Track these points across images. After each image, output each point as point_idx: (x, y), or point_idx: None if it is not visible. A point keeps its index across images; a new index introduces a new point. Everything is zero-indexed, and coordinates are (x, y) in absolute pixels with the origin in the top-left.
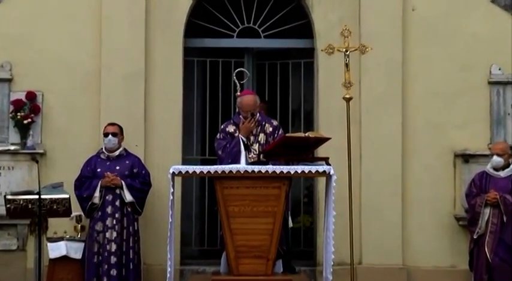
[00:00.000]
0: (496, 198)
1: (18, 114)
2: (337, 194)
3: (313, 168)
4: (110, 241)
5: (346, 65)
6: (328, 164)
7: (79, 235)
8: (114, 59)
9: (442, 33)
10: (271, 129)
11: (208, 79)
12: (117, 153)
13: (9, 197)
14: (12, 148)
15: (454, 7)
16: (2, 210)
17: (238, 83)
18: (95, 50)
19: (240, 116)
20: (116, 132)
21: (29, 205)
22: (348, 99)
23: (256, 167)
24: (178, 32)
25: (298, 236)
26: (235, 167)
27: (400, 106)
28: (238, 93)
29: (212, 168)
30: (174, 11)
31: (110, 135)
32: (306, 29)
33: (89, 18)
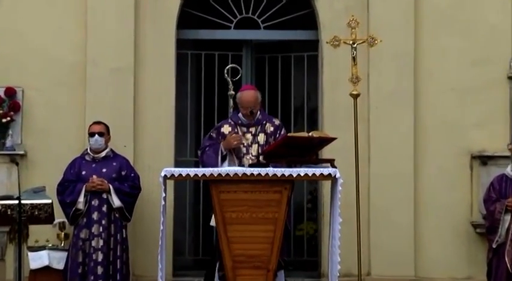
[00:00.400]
0: None
1: None
2: (343, 199)
3: (318, 171)
4: (96, 250)
5: (353, 58)
6: (333, 167)
7: (62, 244)
8: (100, 52)
9: (458, 23)
10: (272, 129)
11: (203, 74)
12: (104, 154)
13: None
14: None
15: None
16: None
17: (230, 81)
18: (80, 42)
19: (240, 114)
20: (103, 132)
21: (8, 211)
22: (355, 96)
23: (256, 170)
24: (170, 22)
25: (301, 245)
26: (233, 169)
27: (412, 103)
28: (230, 91)
29: (207, 171)
30: (166, 0)
31: (96, 135)
32: (309, 20)
33: (73, 8)
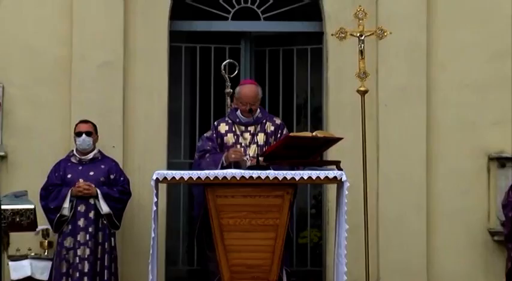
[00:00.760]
0: None
1: None
2: (350, 205)
3: (322, 173)
4: (82, 260)
5: (361, 52)
6: (339, 169)
7: (46, 253)
8: (87, 46)
9: (475, 14)
10: (273, 128)
11: (199, 69)
12: (91, 156)
13: None
14: None
15: None
16: None
17: (227, 78)
18: (65, 35)
19: (238, 112)
20: (91, 131)
21: None
22: (363, 93)
23: (255, 173)
24: (162, 13)
25: (305, 254)
26: (231, 172)
27: (424, 101)
28: (228, 89)
29: (203, 173)
30: None
31: (84, 135)
32: (313, 10)
33: None
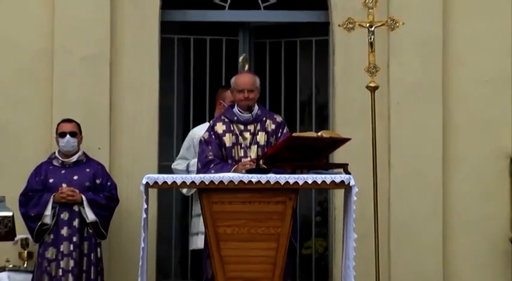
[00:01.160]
0: None
1: None
2: (359, 212)
3: (328, 177)
4: (66, 272)
5: (371, 44)
6: (347, 173)
7: (25, 264)
8: (70, 38)
9: (495, 3)
10: (273, 126)
11: (193, 63)
12: (75, 158)
13: None
14: None
15: None
16: None
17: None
18: (46, 25)
19: (235, 109)
20: (75, 132)
21: None
22: (373, 89)
23: (255, 177)
24: (153, 2)
25: (309, 266)
26: (228, 176)
27: (440, 97)
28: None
29: (197, 177)
30: None
31: (68, 136)
32: None
33: None
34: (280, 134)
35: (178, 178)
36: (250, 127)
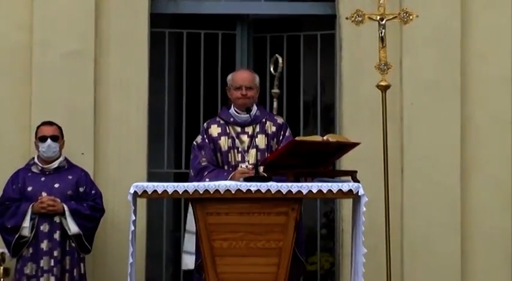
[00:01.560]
0: None
1: None
2: (368, 224)
3: (335, 186)
4: None
5: (382, 39)
6: (355, 181)
7: None
8: (51, 32)
9: None
10: (274, 128)
11: (186, 59)
12: (56, 165)
13: None
14: None
15: None
16: None
17: (276, 75)
18: (24, 19)
19: (231, 110)
20: (57, 135)
21: None
22: (384, 88)
23: (254, 185)
24: None
25: None
26: (224, 184)
27: (458, 97)
28: (276, 89)
29: (190, 186)
30: None
31: (49, 140)
32: None
33: None
34: (281, 136)
35: (170, 187)
36: (248, 129)
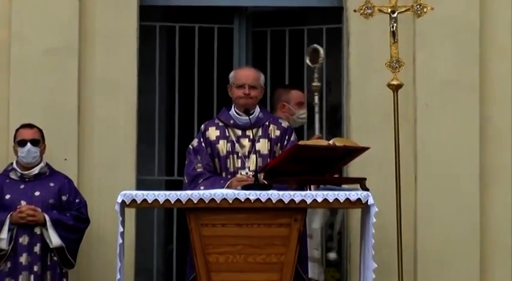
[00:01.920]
0: None
1: None
2: (378, 236)
3: (342, 195)
4: None
5: (393, 33)
6: (364, 189)
7: None
8: (30, 26)
9: None
10: (278, 132)
11: (178, 56)
12: (37, 171)
13: None
14: None
15: None
16: None
17: (315, 68)
18: (1, 11)
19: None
20: (37, 139)
21: None
22: (396, 88)
23: (253, 194)
24: None
25: None
26: (220, 193)
27: (477, 98)
28: (316, 82)
29: (183, 195)
30: None
31: (29, 144)
32: None
33: None
34: (286, 141)
35: (161, 195)
36: (250, 133)
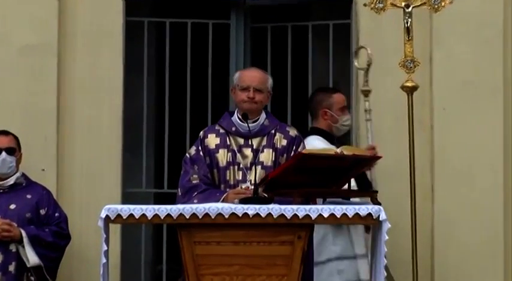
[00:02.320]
0: None
1: None
2: (391, 255)
3: (351, 209)
4: None
5: (408, 30)
6: (376, 203)
7: None
8: (5, 23)
9: None
10: (285, 142)
11: (169, 54)
12: (12, 181)
13: None
14: None
15: None
16: None
17: (365, 70)
18: None
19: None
20: (13, 148)
21: None
22: (411, 90)
23: (252, 208)
24: None
25: None
26: (215, 207)
27: (500, 101)
28: (365, 86)
29: (174, 209)
30: None
31: (4, 153)
32: None
33: None
34: (293, 152)
35: (149, 210)
36: (253, 142)
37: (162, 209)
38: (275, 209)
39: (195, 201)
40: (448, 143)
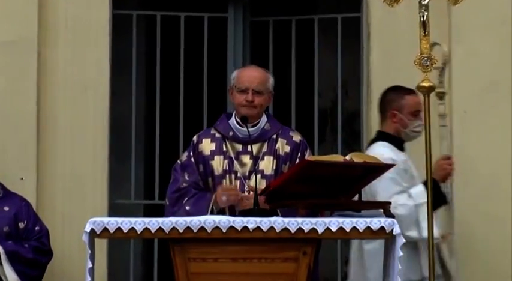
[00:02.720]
0: None
1: None
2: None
3: (361, 222)
4: None
5: (424, 25)
6: (389, 215)
7: None
8: None
9: None
10: (288, 148)
11: (160, 51)
12: None
13: None
14: None
15: None
16: None
17: (437, 69)
18: None
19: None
20: None
21: None
22: (428, 91)
23: (252, 221)
24: None
25: None
26: (212, 220)
27: None
28: (440, 88)
29: (166, 222)
30: None
31: None
32: None
33: None
34: (297, 159)
35: (139, 223)
36: (253, 147)
37: (153, 222)
38: (278, 222)
39: (187, 208)
40: (468, 148)
